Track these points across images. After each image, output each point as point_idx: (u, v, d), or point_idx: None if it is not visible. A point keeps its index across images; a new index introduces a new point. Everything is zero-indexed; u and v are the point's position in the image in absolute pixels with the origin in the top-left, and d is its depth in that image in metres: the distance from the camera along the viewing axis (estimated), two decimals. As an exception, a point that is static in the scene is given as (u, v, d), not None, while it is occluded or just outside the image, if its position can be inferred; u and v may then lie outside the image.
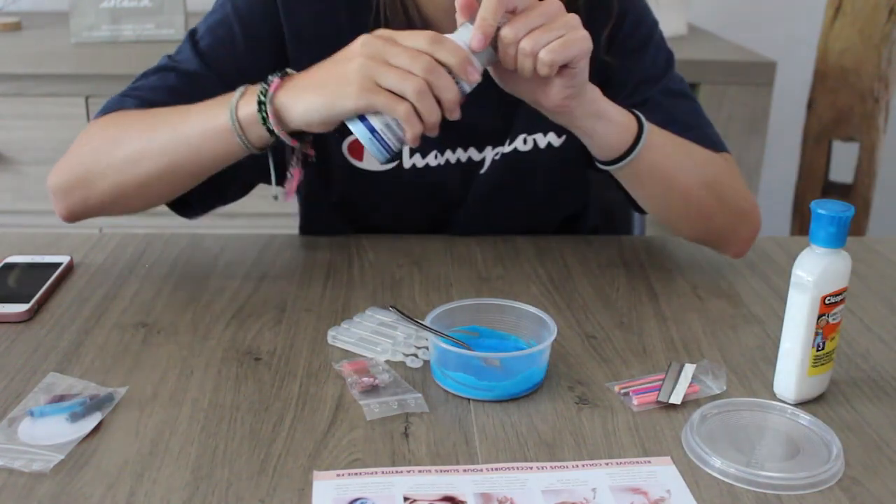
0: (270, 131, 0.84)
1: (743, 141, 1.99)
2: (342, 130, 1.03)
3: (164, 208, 1.01)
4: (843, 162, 2.32)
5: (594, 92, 0.89)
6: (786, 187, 2.42)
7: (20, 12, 2.34)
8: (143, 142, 0.90)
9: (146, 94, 0.97)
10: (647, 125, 0.92)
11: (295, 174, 0.88)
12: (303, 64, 0.98)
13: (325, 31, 0.99)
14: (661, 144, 0.94)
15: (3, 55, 1.96)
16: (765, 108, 2.02)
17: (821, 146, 2.31)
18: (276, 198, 0.88)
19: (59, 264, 0.98)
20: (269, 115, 0.83)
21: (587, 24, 1.04)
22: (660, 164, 0.94)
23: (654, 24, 1.09)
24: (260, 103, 0.83)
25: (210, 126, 0.86)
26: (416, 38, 0.79)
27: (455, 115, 0.80)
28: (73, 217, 0.97)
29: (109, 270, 1.00)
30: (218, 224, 1.92)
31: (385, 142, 0.81)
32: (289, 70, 0.86)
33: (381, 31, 0.82)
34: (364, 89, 0.78)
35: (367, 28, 1.00)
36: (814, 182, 2.35)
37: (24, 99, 1.88)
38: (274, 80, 0.85)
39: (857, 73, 2.22)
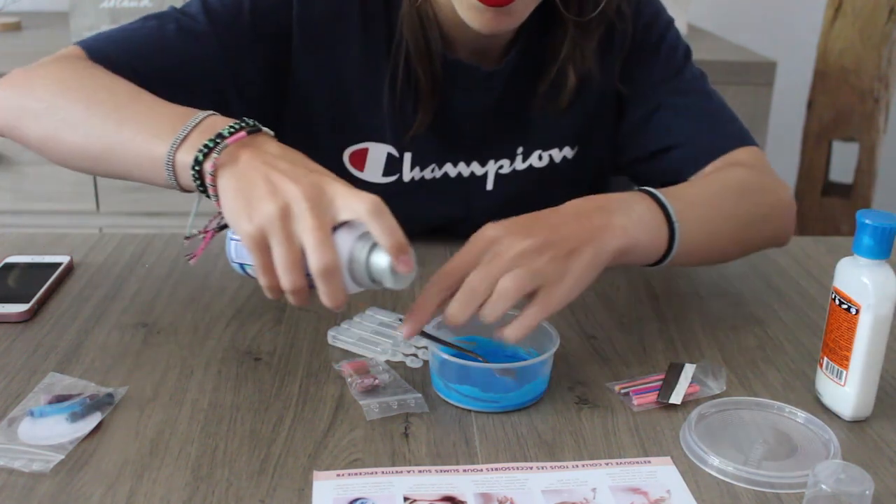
0: (201, 189, 0.74)
1: (743, 141, 1.99)
2: (342, 141, 1.02)
3: (164, 208, 1.01)
4: (843, 162, 2.32)
5: (615, 240, 0.79)
6: (786, 187, 2.42)
7: (20, 12, 2.34)
8: (88, 113, 0.81)
9: (138, 44, 0.93)
10: (677, 228, 0.84)
11: (206, 237, 0.77)
12: (304, 62, 0.98)
13: (334, 35, 0.98)
14: (696, 229, 0.86)
15: (3, 55, 1.96)
16: (765, 108, 2.02)
17: (821, 146, 2.31)
18: (187, 238, 0.78)
19: (59, 264, 0.98)
20: (204, 177, 0.72)
21: (603, 55, 1.04)
22: (696, 246, 0.87)
23: (668, 24, 1.07)
24: (196, 159, 0.72)
25: (148, 146, 0.76)
26: (307, 233, 0.66)
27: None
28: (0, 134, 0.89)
29: (109, 270, 1.00)
30: (218, 224, 1.92)
31: (246, 272, 0.76)
32: (256, 125, 0.75)
33: (312, 184, 0.69)
34: (253, 237, 0.68)
35: (380, 42, 0.99)
36: (814, 182, 2.35)
37: (24, 99, 1.88)
38: (225, 139, 0.73)
39: (857, 73, 2.22)
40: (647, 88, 1.05)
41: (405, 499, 0.65)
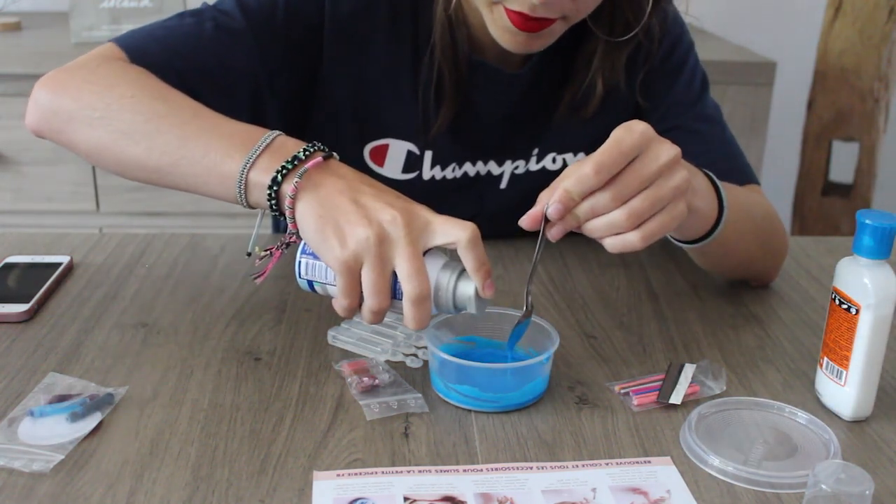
0: (274, 208, 0.76)
1: (743, 141, 1.97)
2: (363, 136, 1.03)
3: (164, 208, 1.01)
4: (843, 162, 2.32)
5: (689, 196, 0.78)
6: (786, 187, 2.42)
7: (20, 12, 2.34)
8: (150, 127, 0.81)
9: (177, 43, 0.92)
10: (726, 206, 0.85)
11: (276, 255, 0.78)
12: (331, 57, 0.98)
13: (361, 31, 0.98)
14: (733, 219, 0.87)
15: (3, 55, 1.96)
16: (765, 108, 2.02)
17: (821, 146, 2.31)
18: (248, 254, 0.80)
19: (59, 264, 0.98)
20: (282, 198, 0.74)
21: (628, 68, 1.03)
22: (726, 238, 0.88)
23: (690, 46, 1.08)
24: (274, 180, 0.74)
25: (218, 164, 0.77)
26: (407, 268, 0.70)
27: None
28: (40, 134, 0.90)
29: (109, 270, 1.00)
30: (218, 224, 1.92)
31: (314, 289, 0.77)
32: (327, 149, 0.77)
33: (412, 215, 0.72)
34: (345, 262, 0.70)
35: (405, 40, 0.99)
36: (814, 182, 2.35)
37: (24, 99, 1.87)
38: (303, 162, 0.74)
39: (857, 73, 2.22)
40: (664, 107, 1.05)
41: (405, 499, 0.65)
